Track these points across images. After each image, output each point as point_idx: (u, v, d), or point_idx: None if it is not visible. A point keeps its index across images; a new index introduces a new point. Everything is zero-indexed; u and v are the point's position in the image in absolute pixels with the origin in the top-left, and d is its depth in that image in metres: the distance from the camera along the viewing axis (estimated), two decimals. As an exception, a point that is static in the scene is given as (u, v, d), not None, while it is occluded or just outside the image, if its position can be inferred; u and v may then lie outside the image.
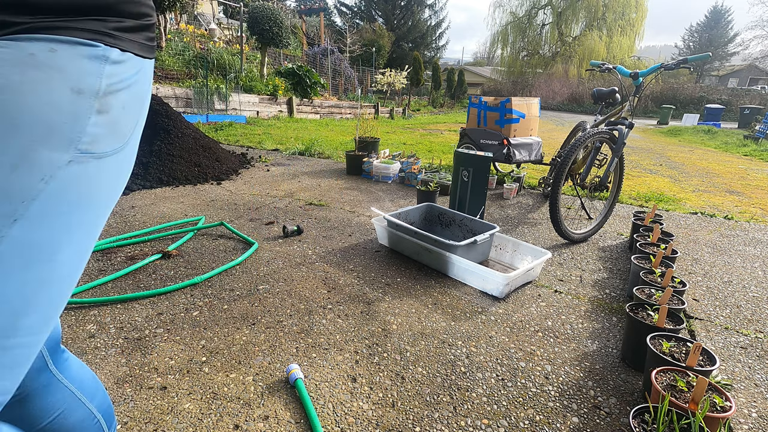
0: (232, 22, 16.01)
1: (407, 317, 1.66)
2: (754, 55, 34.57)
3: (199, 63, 9.03)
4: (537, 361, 1.43)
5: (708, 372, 1.16)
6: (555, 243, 2.62)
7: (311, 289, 1.85)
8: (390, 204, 3.31)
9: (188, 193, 3.29)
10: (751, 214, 3.53)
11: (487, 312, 1.74)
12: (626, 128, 2.59)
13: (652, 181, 4.82)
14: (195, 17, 16.67)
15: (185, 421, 1.10)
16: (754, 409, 1.25)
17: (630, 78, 2.63)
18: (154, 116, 3.87)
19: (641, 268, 1.81)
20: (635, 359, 1.42)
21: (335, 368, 1.34)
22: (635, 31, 24.84)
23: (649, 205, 3.64)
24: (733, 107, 19.67)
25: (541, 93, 23.07)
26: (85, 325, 1.49)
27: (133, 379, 1.24)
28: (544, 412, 1.20)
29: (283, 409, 1.16)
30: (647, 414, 1.02)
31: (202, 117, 7.78)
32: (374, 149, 4.67)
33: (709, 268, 2.33)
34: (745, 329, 1.71)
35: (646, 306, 1.50)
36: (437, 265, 2.09)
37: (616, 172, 2.81)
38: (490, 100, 3.90)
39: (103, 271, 1.91)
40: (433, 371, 1.35)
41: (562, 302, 1.86)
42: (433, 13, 25.82)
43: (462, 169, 2.72)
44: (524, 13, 27.28)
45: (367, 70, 17.39)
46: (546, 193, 3.77)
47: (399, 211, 2.44)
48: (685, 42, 43.05)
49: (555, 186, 2.41)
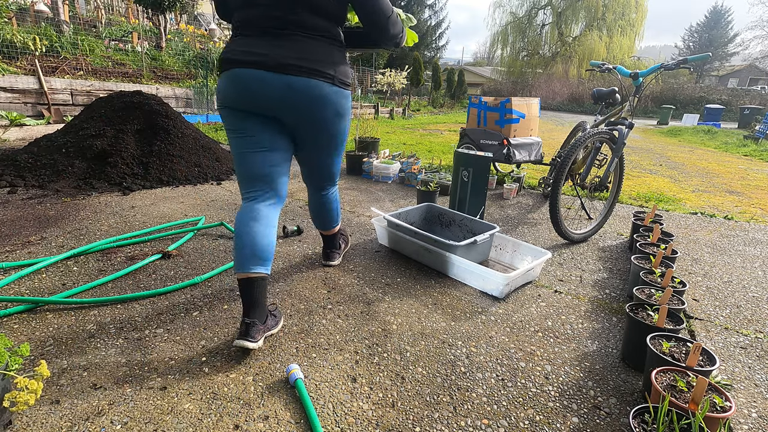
0: (232, 22, 15.99)
1: (407, 317, 1.66)
2: (754, 55, 34.58)
3: (199, 63, 9.03)
4: (537, 361, 1.43)
5: (708, 372, 1.16)
6: (555, 243, 2.62)
7: (311, 289, 1.85)
8: (390, 204, 3.31)
9: (188, 193, 3.29)
10: (751, 214, 3.53)
11: (487, 312, 1.74)
12: (626, 128, 2.59)
13: (652, 181, 4.82)
14: (195, 17, 16.68)
15: (185, 421, 1.10)
16: (754, 409, 1.25)
17: (630, 78, 2.63)
18: (154, 116, 3.87)
19: (641, 268, 1.81)
20: (635, 359, 1.42)
21: (335, 368, 1.34)
22: (635, 31, 24.82)
23: (649, 205, 3.64)
24: (733, 107, 19.64)
25: (541, 93, 23.06)
26: (85, 325, 1.49)
27: (133, 379, 1.24)
28: (544, 412, 1.20)
29: (283, 409, 1.16)
30: (647, 414, 1.02)
31: (202, 117, 7.77)
32: (374, 149, 4.67)
33: (709, 268, 2.33)
34: (745, 329, 1.71)
35: (646, 306, 1.50)
36: (437, 265, 2.09)
37: (616, 172, 2.81)
38: (490, 100, 3.90)
39: (103, 271, 1.91)
40: (433, 371, 1.35)
41: (562, 302, 1.86)
42: (433, 13, 25.77)
43: (462, 169, 2.72)
44: (524, 13, 27.26)
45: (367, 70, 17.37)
46: (546, 193, 3.77)
47: (399, 211, 2.44)
48: (685, 42, 43.03)
49: (555, 186, 2.41)
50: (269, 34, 1.39)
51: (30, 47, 6.34)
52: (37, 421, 1.08)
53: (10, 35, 6.16)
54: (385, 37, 1.55)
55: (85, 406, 1.13)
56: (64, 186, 3.19)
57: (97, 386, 1.20)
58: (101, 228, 2.44)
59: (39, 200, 2.88)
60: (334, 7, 1.43)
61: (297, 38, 1.39)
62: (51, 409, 1.12)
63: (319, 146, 1.62)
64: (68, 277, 1.83)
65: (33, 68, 6.07)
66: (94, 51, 7.62)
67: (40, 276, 1.83)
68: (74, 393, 1.18)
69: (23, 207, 2.72)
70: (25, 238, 2.23)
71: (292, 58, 1.38)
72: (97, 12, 9.48)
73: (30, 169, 3.38)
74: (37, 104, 6.04)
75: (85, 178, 3.33)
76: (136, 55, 8.39)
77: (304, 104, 1.43)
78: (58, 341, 1.40)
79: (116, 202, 2.95)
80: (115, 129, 3.69)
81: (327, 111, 1.49)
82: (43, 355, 1.33)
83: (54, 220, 2.52)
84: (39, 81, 5.98)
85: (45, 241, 2.20)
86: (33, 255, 2.03)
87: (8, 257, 1.99)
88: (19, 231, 2.32)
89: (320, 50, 1.43)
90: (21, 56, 6.28)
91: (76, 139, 3.63)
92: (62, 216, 2.60)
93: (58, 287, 1.74)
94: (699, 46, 40.46)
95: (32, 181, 3.22)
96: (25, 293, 1.68)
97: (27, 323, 1.49)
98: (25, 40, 6.32)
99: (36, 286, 1.74)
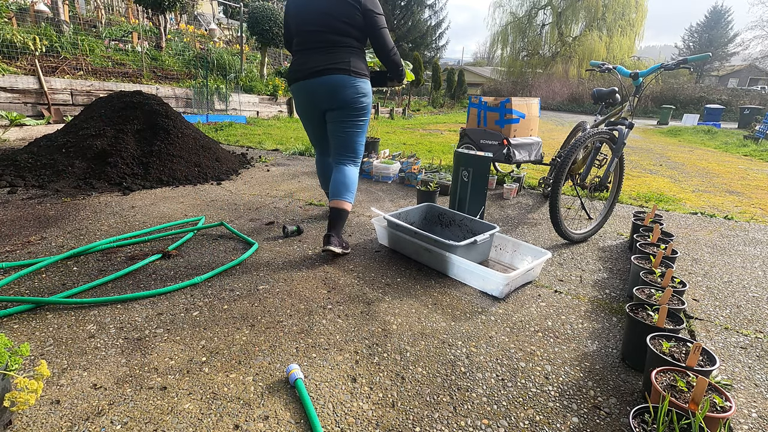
0: (232, 22, 16.01)
1: (407, 317, 1.66)
2: (754, 55, 34.54)
3: (199, 63, 9.03)
4: (537, 361, 1.43)
5: (708, 372, 1.16)
6: (555, 243, 2.62)
7: (311, 289, 1.85)
8: (390, 204, 3.31)
9: (188, 193, 3.29)
10: (751, 214, 3.53)
11: (487, 312, 1.74)
12: (626, 128, 2.59)
13: (652, 181, 4.82)
14: (195, 17, 16.68)
15: (185, 421, 1.10)
16: (754, 409, 1.25)
17: (630, 78, 2.63)
18: (154, 116, 3.87)
19: (641, 268, 1.81)
20: (635, 359, 1.42)
21: (335, 368, 1.34)
22: (635, 31, 24.81)
23: (649, 205, 3.64)
24: (733, 107, 19.64)
25: (541, 93, 23.06)
26: (85, 325, 1.49)
27: (133, 379, 1.24)
28: (544, 412, 1.20)
29: (283, 409, 1.16)
30: (647, 414, 1.02)
31: (202, 117, 7.78)
32: (374, 149, 4.67)
33: (709, 268, 2.33)
34: (745, 329, 1.71)
35: (646, 306, 1.50)
36: (437, 265, 2.09)
37: (616, 172, 2.81)
38: (490, 100, 3.90)
39: (103, 271, 1.91)
40: (433, 371, 1.35)
41: (562, 302, 1.86)
42: (433, 13, 25.75)
43: (462, 170, 2.72)
44: (524, 13, 27.26)
45: (367, 70, 17.40)
46: (546, 193, 3.76)
47: (399, 211, 2.44)
48: (685, 42, 43.02)
49: (555, 186, 2.41)
50: (313, 51, 2.19)
51: (30, 47, 6.34)
52: (37, 421, 1.08)
53: (10, 35, 6.16)
54: (389, 64, 2.33)
55: (85, 406, 1.13)
56: (64, 186, 3.19)
57: (97, 386, 1.20)
58: (101, 228, 2.44)
59: (39, 200, 2.88)
60: (355, 33, 2.19)
61: (329, 51, 2.18)
62: (51, 409, 1.12)
63: (344, 120, 2.26)
64: (68, 277, 1.83)
65: (33, 68, 6.07)
66: (94, 51, 7.62)
67: (40, 276, 1.83)
68: (74, 393, 1.18)
69: (23, 207, 2.72)
70: (25, 238, 2.23)
71: (326, 63, 2.16)
72: (97, 12, 9.49)
73: (30, 169, 3.38)
74: (37, 104, 6.04)
75: (85, 178, 3.33)
76: (136, 55, 8.39)
77: (332, 90, 2.19)
78: (58, 341, 1.40)
79: (116, 202, 2.95)
80: (115, 129, 3.69)
81: (348, 91, 2.20)
82: (43, 355, 1.32)
83: (54, 220, 2.52)
84: (39, 81, 5.99)
85: (45, 241, 2.20)
86: (33, 255, 2.03)
87: (8, 257, 1.99)
88: (19, 231, 2.32)
89: (343, 56, 2.18)
90: (21, 56, 6.28)
91: (76, 139, 3.63)
92: (62, 216, 2.60)
93: (58, 287, 1.74)
94: (699, 46, 40.45)
95: (32, 181, 3.22)
96: (25, 293, 1.68)
97: (27, 323, 1.49)
98: (25, 40, 6.31)
99: (36, 286, 1.74)
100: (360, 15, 2.13)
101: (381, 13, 2.22)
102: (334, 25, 2.13)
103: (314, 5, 2.15)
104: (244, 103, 9.26)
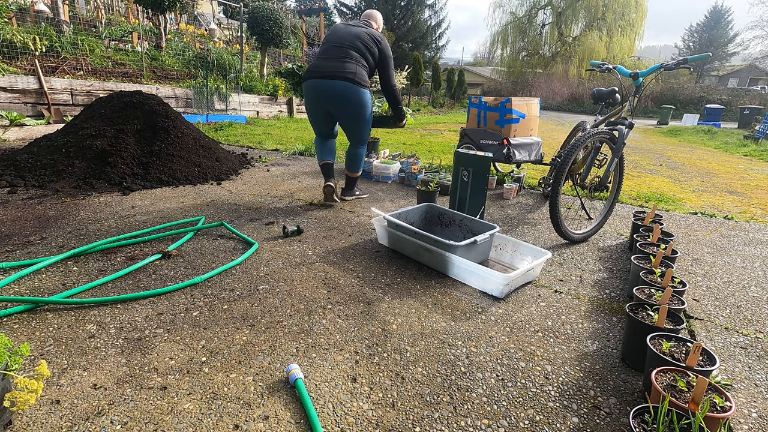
0: (232, 22, 16.00)
1: (407, 317, 1.66)
2: (754, 55, 34.50)
3: (199, 63, 9.03)
4: (537, 361, 1.43)
5: (708, 372, 1.16)
6: (555, 243, 2.62)
7: (311, 289, 1.85)
8: (390, 204, 3.31)
9: (188, 193, 3.29)
10: (751, 214, 3.53)
11: (487, 312, 1.74)
12: (626, 128, 2.59)
13: (652, 181, 4.82)
14: (195, 17, 16.68)
15: (185, 421, 1.10)
16: (754, 409, 1.25)
17: (630, 78, 2.63)
18: (154, 116, 3.87)
19: (641, 268, 1.80)
20: (635, 359, 1.42)
21: (335, 368, 1.34)
22: (635, 31, 24.78)
23: (649, 205, 3.64)
24: (733, 107, 19.63)
25: (541, 93, 23.05)
26: (85, 325, 1.49)
27: (133, 379, 1.24)
28: (544, 412, 1.20)
29: (283, 409, 1.16)
30: (647, 414, 1.02)
31: (202, 117, 7.78)
32: (374, 149, 4.67)
33: (709, 268, 2.33)
34: (745, 329, 1.71)
35: (646, 306, 1.50)
36: (437, 265, 2.09)
37: (616, 172, 2.81)
38: (490, 100, 3.90)
39: (103, 271, 1.91)
40: (433, 371, 1.35)
41: (562, 302, 1.86)
42: (433, 13, 25.70)
43: (462, 169, 2.72)
44: (524, 13, 27.23)
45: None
46: (546, 193, 3.76)
47: (399, 211, 2.44)
48: (685, 42, 43.00)
49: (555, 186, 2.41)
50: (332, 59, 2.81)
51: (30, 47, 6.34)
52: (37, 421, 1.08)
53: (10, 35, 6.16)
54: (389, 97, 3.12)
55: (85, 406, 1.13)
56: (64, 186, 3.19)
57: (97, 386, 1.20)
58: (101, 228, 2.44)
59: (39, 200, 2.88)
60: (369, 58, 2.91)
61: (343, 60, 2.80)
62: (51, 409, 1.12)
63: (350, 120, 2.97)
64: (68, 277, 1.83)
65: (33, 68, 6.07)
66: (94, 51, 7.62)
67: (40, 276, 1.83)
68: (74, 393, 1.18)
69: (23, 207, 2.72)
70: (25, 238, 2.23)
71: (336, 71, 2.78)
72: (97, 12, 9.48)
73: (30, 169, 3.38)
74: (37, 104, 6.05)
75: (85, 178, 3.33)
76: (136, 55, 8.39)
77: (338, 94, 2.82)
78: (58, 341, 1.40)
79: (116, 202, 2.95)
80: (115, 129, 3.69)
81: (351, 99, 2.83)
82: (43, 355, 1.33)
83: (54, 220, 2.52)
84: (39, 81, 5.99)
85: (45, 241, 2.20)
86: (33, 255, 2.03)
87: (8, 257, 1.99)
88: (19, 231, 2.32)
89: (351, 67, 2.80)
90: (21, 56, 6.28)
91: (76, 139, 3.63)
92: (62, 216, 2.60)
93: (58, 287, 1.74)
94: (699, 46, 40.44)
95: (32, 181, 3.22)
96: (25, 293, 1.68)
97: (27, 323, 1.49)
98: (25, 40, 6.32)
99: (36, 286, 1.74)
100: (376, 50, 2.93)
101: (391, 57, 3.02)
102: (357, 45, 2.85)
103: (353, 29, 2.91)
104: (244, 103, 9.26)
